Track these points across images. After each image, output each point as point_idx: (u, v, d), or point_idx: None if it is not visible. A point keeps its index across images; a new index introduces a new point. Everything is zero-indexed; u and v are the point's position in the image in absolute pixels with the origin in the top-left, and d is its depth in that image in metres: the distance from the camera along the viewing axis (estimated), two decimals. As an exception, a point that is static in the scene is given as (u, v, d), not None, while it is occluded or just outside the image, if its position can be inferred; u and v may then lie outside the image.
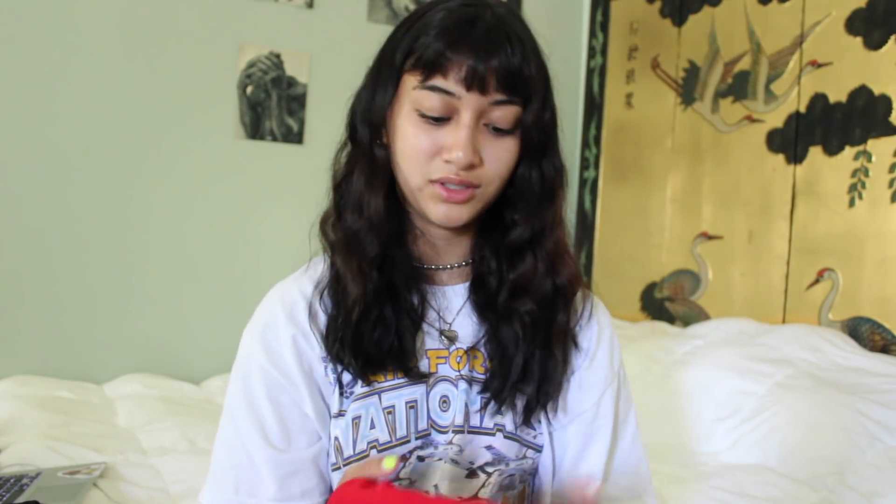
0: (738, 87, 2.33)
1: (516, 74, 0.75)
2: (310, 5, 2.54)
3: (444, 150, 0.75)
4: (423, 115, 0.75)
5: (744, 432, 1.73)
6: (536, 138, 0.78)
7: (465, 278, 0.86)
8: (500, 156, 0.77)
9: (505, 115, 0.76)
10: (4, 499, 1.32)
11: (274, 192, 2.43)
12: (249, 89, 2.47)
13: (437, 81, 0.74)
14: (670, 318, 2.52)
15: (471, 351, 0.82)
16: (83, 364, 2.27)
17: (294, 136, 2.53)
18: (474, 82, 0.73)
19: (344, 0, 2.58)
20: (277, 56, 2.50)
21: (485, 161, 0.76)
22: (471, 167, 0.75)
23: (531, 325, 0.81)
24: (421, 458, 0.81)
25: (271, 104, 2.50)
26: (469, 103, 0.74)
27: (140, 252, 2.34)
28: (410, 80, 0.76)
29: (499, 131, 0.77)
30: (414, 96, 0.75)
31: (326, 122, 0.83)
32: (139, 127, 2.33)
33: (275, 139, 2.51)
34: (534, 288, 0.81)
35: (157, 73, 2.34)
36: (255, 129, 2.48)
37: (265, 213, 2.40)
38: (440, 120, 0.75)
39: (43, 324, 2.24)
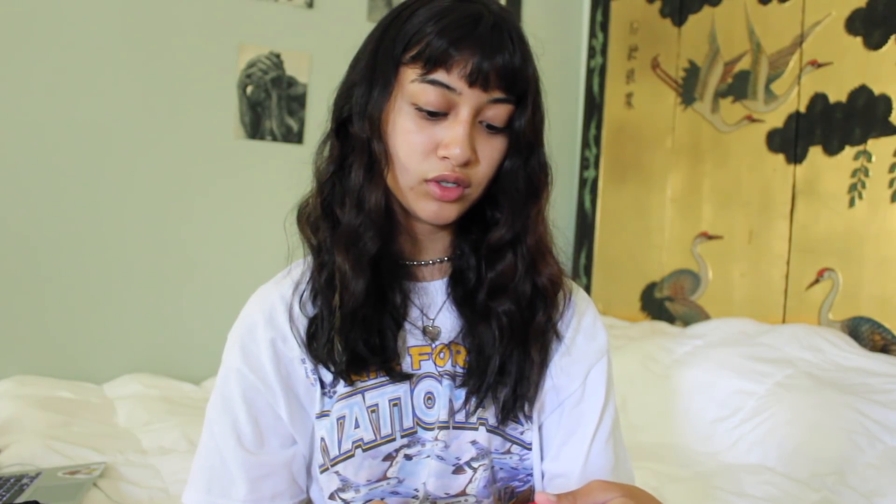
0: (738, 87, 2.33)
1: (517, 73, 0.75)
2: (310, 5, 2.54)
3: (440, 147, 0.75)
4: (419, 110, 0.74)
5: (744, 432, 1.73)
6: (527, 138, 0.78)
7: (445, 273, 0.85)
8: (492, 155, 0.77)
9: (500, 113, 0.76)
10: (4, 499, 1.32)
11: (274, 192, 2.42)
12: (249, 89, 2.47)
13: (439, 76, 0.73)
14: (670, 318, 2.52)
15: (452, 345, 0.82)
16: (83, 364, 2.27)
17: (294, 136, 2.53)
18: (478, 79, 0.73)
19: (344, 0, 2.59)
20: (277, 56, 2.50)
21: (480, 159, 0.76)
22: (466, 164, 0.75)
23: (509, 325, 0.80)
24: (408, 457, 0.81)
25: (271, 104, 2.50)
26: (469, 99, 0.74)
27: (140, 252, 2.34)
28: (409, 74, 0.74)
29: (492, 129, 0.76)
30: (412, 89, 0.74)
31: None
32: (139, 127, 2.33)
33: (275, 139, 2.51)
34: (513, 287, 0.80)
35: (157, 73, 2.34)
36: (255, 129, 2.48)
37: (265, 213, 2.40)
38: (437, 115, 0.75)
39: (43, 324, 2.24)
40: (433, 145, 0.75)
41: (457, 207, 0.78)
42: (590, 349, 0.86)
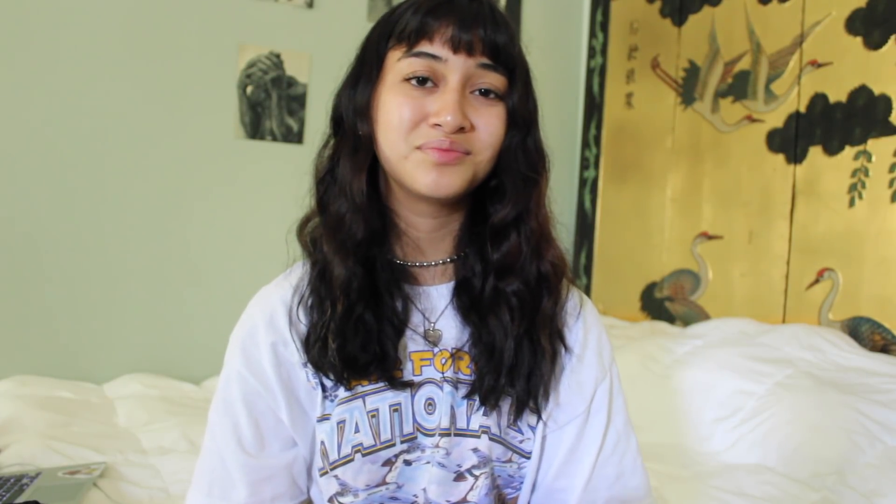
0: (738, 86, 2.33)
1: (502, 46, 0.75)
2: (310, 5, 2.54)
3: (430, 116, 0.73)
4: (409, 81, 0.74)
5: (744, 432, 1.73)
6: (521, 117, 0.77)
7: (448, 278, 0.84)
8: (491, 122, 0.76)
9: (491, 81, 0.75)
10: (4, 499, 1.32)
11: (274, 193, 2.43)
12: (249, 89, 2.47)
13: (423, 47, 0.73)
14: (670, 318, 2.52)
15: (456, 353, 0.81)
16: (83, 364, 2.27)
17: (294, 136, 2.53)
18: (461, 44, 0.73)
19: (344, 0, 2.59)
20: (277, 56, 2.50)
21: (476, 126, 0.75)
22: (461, 130, 0.73)
23: (519, 307, 0.79)
24: (408, 462, 0.80)
25: (271, 104, 2.50)
26: (456, 66, 0.73)
27: (140, 252, 2.34)
28: (395, 55, 0.75)
29: (488, 96, 0.75)
30: (398, 67, 0.75)
31: (326, 123, 0.83)
32: (139, 127, 2.33)
33: (275, 139, 2.51)
34: (519, 267, 0.80)
35: (157, 73, 2.34)
36: (255, 129, 2.48)
37: (265, 214, 2.40)
38: (426, 84, 0.74)
39: (43, 324, 2.24)
40: (423, 115, 0.74)
41: (458, 175, 0.75)
42: (597, 366, 0.86)
